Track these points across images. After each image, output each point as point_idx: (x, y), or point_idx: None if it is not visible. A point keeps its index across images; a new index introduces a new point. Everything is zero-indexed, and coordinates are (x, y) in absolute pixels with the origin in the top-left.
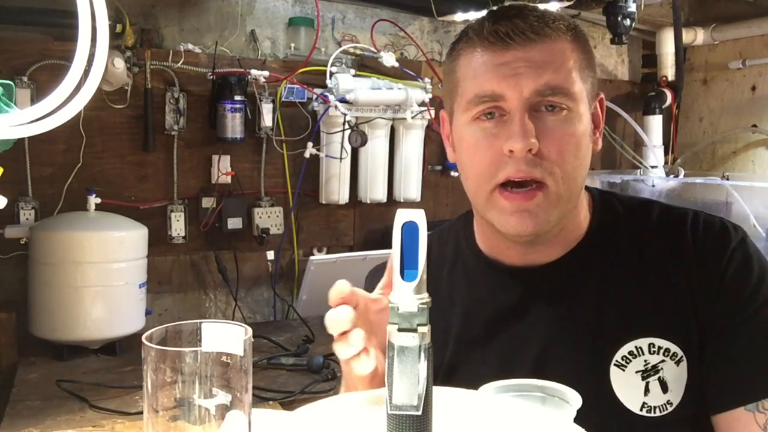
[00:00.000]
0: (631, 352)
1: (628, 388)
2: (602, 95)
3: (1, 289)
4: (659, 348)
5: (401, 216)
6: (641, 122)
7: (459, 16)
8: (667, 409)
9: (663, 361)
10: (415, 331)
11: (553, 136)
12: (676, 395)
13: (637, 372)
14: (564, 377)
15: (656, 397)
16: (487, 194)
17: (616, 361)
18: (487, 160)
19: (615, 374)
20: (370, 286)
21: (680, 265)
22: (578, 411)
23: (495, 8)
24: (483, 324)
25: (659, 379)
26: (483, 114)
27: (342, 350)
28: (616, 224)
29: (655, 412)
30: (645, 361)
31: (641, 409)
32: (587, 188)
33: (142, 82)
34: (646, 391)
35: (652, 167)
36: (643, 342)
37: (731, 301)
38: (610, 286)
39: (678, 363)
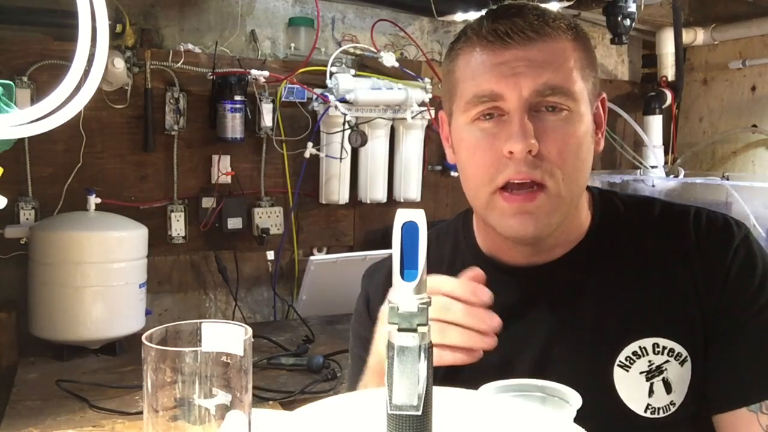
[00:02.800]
0: (635, 353)
1: (633, 389)
2: (604, 95)
3: (1, 289)
4: (663, 348)
5: (401, 216)
6: (641, 122)
7: (459, 16)
8: (670, 409)
9: (667, 361)
10: (415, 331)
11: (553, 137)
12: (679, 395)
13: (641, 373)
14: (565, 378)
15: (660, 398)
16: (487, 196)
17: (620, 361)
18: (486, 162)
19: (618, 375)
20: (367, 285)
21: (683, 263)
22: (580, 413)
23: (494, 7)
24: None
25: (663, 379)
26: (482, 115)
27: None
28: (618, 223)
29: (659, 413)
30: (649, 361)
31: (645, 411)
32: (588, 187)
33: (142, 82)
34: (650, 392)
35: (652, 167)
36: (647, 342)
37: (735, 299)
38: (612, 286)
39: (682, 363)
